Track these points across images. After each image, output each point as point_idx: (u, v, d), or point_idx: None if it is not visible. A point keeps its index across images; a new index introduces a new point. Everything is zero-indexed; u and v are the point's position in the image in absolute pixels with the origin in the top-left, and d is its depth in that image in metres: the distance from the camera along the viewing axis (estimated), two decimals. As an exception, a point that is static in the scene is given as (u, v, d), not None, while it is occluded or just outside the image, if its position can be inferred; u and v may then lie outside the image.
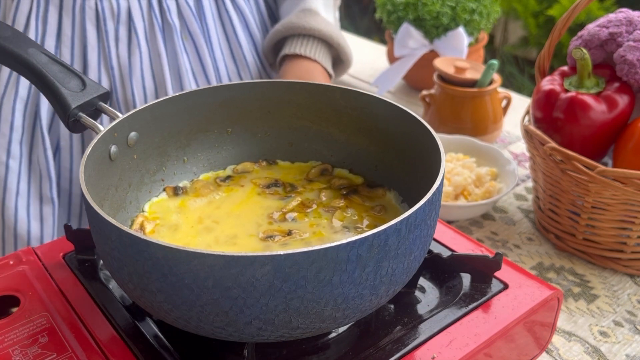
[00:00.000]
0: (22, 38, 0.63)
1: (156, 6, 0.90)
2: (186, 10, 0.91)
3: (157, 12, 0.90)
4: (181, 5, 0.91)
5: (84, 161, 0.53)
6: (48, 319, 0.56)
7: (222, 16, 0.96)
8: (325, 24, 0.96)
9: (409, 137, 0.61)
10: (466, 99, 1.04)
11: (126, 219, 0.62)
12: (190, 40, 0.93)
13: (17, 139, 0.88)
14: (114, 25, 0.89)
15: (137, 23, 0.89)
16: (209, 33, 0.94)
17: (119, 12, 0.88)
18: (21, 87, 0.88)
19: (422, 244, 0.50)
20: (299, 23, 0.95)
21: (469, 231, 0.88)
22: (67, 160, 0.91)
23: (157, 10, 0.90)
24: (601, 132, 0.77)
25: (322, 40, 0.96)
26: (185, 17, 0.92)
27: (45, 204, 0.90)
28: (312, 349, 0.54)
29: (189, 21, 0.92)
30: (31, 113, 0.89)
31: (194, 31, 0.92)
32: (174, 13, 0.91)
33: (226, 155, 0.70)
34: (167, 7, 0.90)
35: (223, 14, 0.96)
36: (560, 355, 0.68)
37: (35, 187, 0.90)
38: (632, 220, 0.75)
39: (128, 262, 0.46)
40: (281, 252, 0.42)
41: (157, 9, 0.90)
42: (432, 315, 0.57)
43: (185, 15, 0.92)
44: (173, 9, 0.91)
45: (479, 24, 1.21)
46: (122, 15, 0.89)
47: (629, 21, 0.78)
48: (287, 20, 0.97)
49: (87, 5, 0.87)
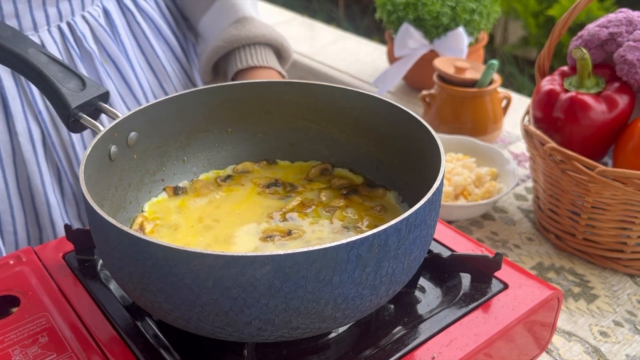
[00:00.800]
0: (22, 38, 0.63)
1: (69, 35, 0.82)
2: (101, 32, 0.85)
3: (72, 41, 0.82)
4: (95, 28, 0.84)
5: (84, 161, 0.53)
6: (48, 319, 0.56)
7: (133, 29, 0.90)
8: (265, 28, 0.91)
9: (409, 137, 0.61)
10: (466, 99, 1.04)
11: (126, 219, 0.62)
12: (110, 63, 0.86)
13: None
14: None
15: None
16: (126, 51, 0.88)
17: None
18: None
19: (422, 244, 0.50)
20: (241, 34, 0.89)
21: (469, 231, 0.88)
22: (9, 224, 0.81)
23: (72, 39, 0.82)
24: (601, 132, 0.77)
25: (267, 44, 0.92)
26: (101, 41, 0.85)
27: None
28: (312, 349, 0.54)
29: (106, 44, 0.85)
30: None
31: (112, 52, 0.86)
32: (90, 39, 0.84)
33: (226, 155, 0.70)
34: (82, 34, 0.83)
35: (134, 26, 0.90)
36: (560, 355, 0.68)
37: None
38: (632, 220, 0.75)
39: (128, 262, 0.46)
40: (281, 252, 0.42)
41: (72, 38, 0.82)
42: (432, 315, 0.57)
43: (102, 39, 0.85)
44: (87, 34, 0.84)
45: (479, 24, 1.21)
46: None
47: (629, 21, 0.78)
48: (226, 34, 0.90)
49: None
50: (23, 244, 0.83)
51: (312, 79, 1.42)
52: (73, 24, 0.82)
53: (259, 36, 0.90)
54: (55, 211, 0.82)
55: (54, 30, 0.80)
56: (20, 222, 0.82)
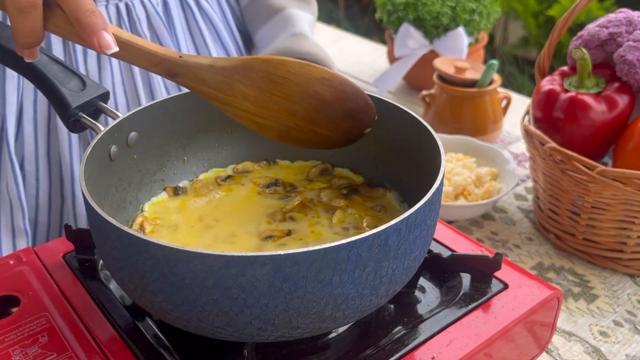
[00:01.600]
0: (22, 38, 0.63)
1: (125, 16, 0.84)
2: (156, 20, 0.86)
3: (126, 22, 0.84)
4: (151, 15, 0.86)
5: (84, 161, 0.53)
6: (48, 319, 0.56)
7: (190, 26, 0.91)
8: (317, 48, 0.94)
9: (409, 137, 0.61)
10: (466, 99, 1.04)
11: (126, 219, 0.62)
12: None
13: None
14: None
15: None
16: (179, 45, 0.89)
17: None
18: None
19: (422, 244, 0.50)
20: (294, 48, 0.92)
21: (469, 231, 0.88)
22: (32, 186, 0.84)
23: (127, 20, 0.84)
24: (601, 132, 0.77)
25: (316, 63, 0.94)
26: (155, 28, 0.86)
27: (18, 237, 0.83)
28: (312, 349, 0.54)
29: (159, 32, 0.86)
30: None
31: (165, 42, 0.87)
32: (144, 24, 0.85)
33: (226, 155, 0.70)
34: (137, 18, 0.84)
35: (192, 23, 0.91)
36: (560, 355, 0.68)
37: (6, 219, 0.83)
38: (632, 220, 0.75)
39: (128, 262, 0.46)
40: (281, 252, 0.42)
41: (127, 19, 0.84)
42: (432, 315, 0.57)
43: (156, 26, 0.86)
44: (143, 19, 0.85)
45: (479, 24, 1.21)
46: None
47: (629, 21, 0.78)
48: (280, 45, 0.93)
49: None
50: (44, 210, 0.85)
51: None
52: (131, 5, 0.84)
53: (310, 53, 0.92)
54: (77, 184, 0.83)
55: (111, 8, 0.83)
56: (43, 188, 0.84)
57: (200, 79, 0.58)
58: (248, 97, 0.59)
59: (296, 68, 0.58)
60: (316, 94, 0.60)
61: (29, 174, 0.83)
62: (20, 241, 0.83)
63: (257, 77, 0.59)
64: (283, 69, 0.58)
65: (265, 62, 0.58)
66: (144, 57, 0.55)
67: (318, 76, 0.59)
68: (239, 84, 0.59)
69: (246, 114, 0.61)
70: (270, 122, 0.61)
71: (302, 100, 0.60)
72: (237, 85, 0.58)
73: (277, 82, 0.59)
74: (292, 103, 0.60)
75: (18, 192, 0.81)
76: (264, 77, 0.59)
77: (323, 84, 0.59)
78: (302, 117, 0.61)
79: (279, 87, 0.59)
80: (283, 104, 0.60)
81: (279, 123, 0.61)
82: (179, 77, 0.57)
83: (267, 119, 0.61)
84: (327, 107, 0.61)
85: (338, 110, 0.61)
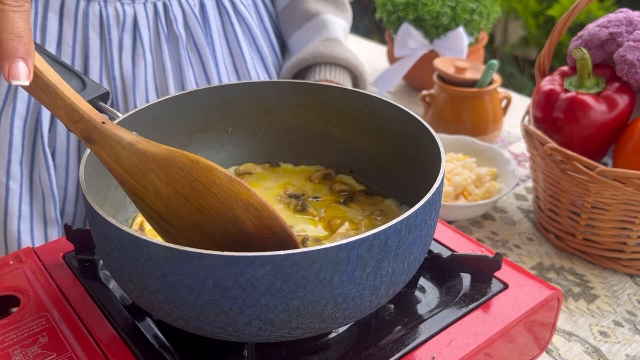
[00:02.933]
0: (22, 38, 0.63)
1: (162, 15, 0.85)
2: (193, 21, 0.87)
3: (163, 21, 0.85)
4: (188, 15, 0.87)
5: (84, 161, 0.53)
6: (48, 319, 0.56)
7: (226, 29, 0.92)
8: (350, 54, 0.96)
9: (409, 137, 0.61)
10: (466, 99, 1.04)
11: (126, 219, 0.62)
12: (195, 52, 0.89)
13: (17, 158, 0.84)
14: (118, 34, 0.84)
15: (143, 32, 0.85)
16: (214, 46, 0.90)
17: (125, 20, 0.84)
18: (19, 102, 0.83)
19: (422, 244, 0.50)
20: (327, 52, 0.94)
21: (469, 231, 0.88)
22: (62, 178, 0.86)
23: (164, 19, 0.86)
24: (601, 132, 0.77)
25: (346, 68, 0.96)
26: (191, 29, 0.88)
27: (49, 226, 0.86)
28: (312, 349, 0.54)
29: (195, 33, 0.88)
30: (31, 130, 0.84)
31: (200, 43, 0.88)
32: (181, 23, 0.87)
33: (226, 155, 0.70)
34: (174, 17, 0.86)
35: (227, 25, 0.92)
36: (560, 355, 0.68)
37: (38, 208, 0.85)
38: (632, 220, 0.75)
39: (128, 262, 0.46)
40: (281, 252, 0.42)
41: (164, 18, 0.86)
42: (432, 315, 0.57)
43: (192, 27, 0.88)
44: (180, 19, 0.87)
45: (479, 24, 1.21)
46: (128, 23, 0.84)
47: (629, 21, 0.78)
48: (313, 49, 0.94)
49: (91, 12, 0.83)
50: (71, 201, 0.87)
51: (312, 79, 1.42)
52: (169, 5, 0.85)
53: (342, 59, 0.94)
54: None
55: (149, 6, 0.84)
56: (72, 179, 0.86)
57: (115, 154, 0.50)
58: (160, 195, 0.50)
59: (222, 181, 0.49)
60: (236, 220, 0.50)
61: (59, 165, 0.85)
62: (52, 230, 0.86)
63: (177, 176, 0.50)
64: (207, 177, 0.49)
65: (191, 161, 0.49)
66: (64, 108, 0.49)
67: (245, 200, 0.49)
68: (154, 176, 0.50)
69: (154, 214, 0.52)
70: (178, 235, 0.52)
71: (219, 222, 0.50)
72: (152, 176, 0.50)
73: (196, 189, 0.49)
74: (207, 221, 0.50)
75: (50, 182, 0.84)
76: (183, 178, 0.49)
77: (248, 211, 0.49)
78: (213, 242, 0.51)
79: (197, 196, 0.50)
80: (197, 218, 0.51)
81: (187, 239, 0.52)
82: (94, 144, 0.50)
83: (176, 230, 0.52)
84: (245, 240, 0.50)
85: (257, 248, 0.50)
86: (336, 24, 0.99)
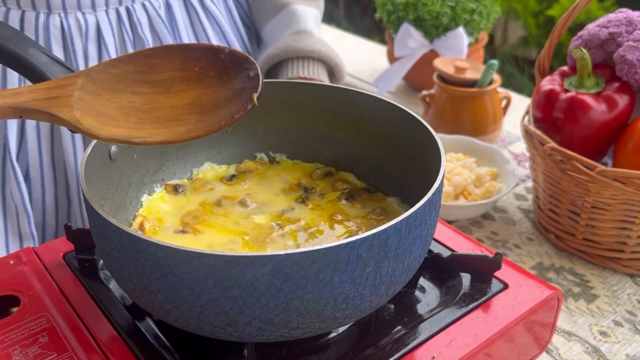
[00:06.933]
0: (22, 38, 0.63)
1: (126, 20, 0.83)
2: (158, 23, 0.85)
3: (127, 26, 0.83)
4: (152, 18, 0.85)
5: (83, 161, 0.53)
6: (48, 319, 0.56)
7: (195, 27, 0.90)
8: (323, 45, 0.93)
9: (409, 137, 0.61)
10: (466, 99, 1.04)
11: (126, 219, 0.62)
12: None
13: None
14: (82, 44, 0.80)
15: (108, 39, 0.82)
16: None
17: (87, 29, 0.80)
18: None
19: (422, 244, 0.50)
20: (298, 46, 0.91)
21: (469, 231, 0.88)
22: (38, 192, 0.84)
23: (128, 24, 0.83)
24: (601, 132, 0.77)
25: (320, 60, 0.93)
26: (158, 31, 0.85)
27: (25, 241, 0.84)
28: (312, 349, 0.54)
29: (162, 35, 0.86)
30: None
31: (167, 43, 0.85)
32: (146, 27, 0.84)
33: (226, 155, 0.70)
34: (138, 21, 0.83)
35: (196, 23, 0.90)
36: (560, 355, 0.68)
37: (12, 224, 0.83)
38: (632, 220, 0.75)
39: (128, 262, 0.46)
40: (281, 252, 0.42)
41: (128, 23, 0.83)
42: (432, 315, 0.57)
43: (158, 29, 0.85)
44: (144, 22, 0.84)
45: (479, 24, 1.21)
46: (91, 32, 0.81)
47: (629, 21, 0.78)
48: (283, 44, 0.92)
49: (52, 24, 0.79)
50: (51, 213, 0.85)
51: (312, 79, 1.42)
52: (132, 10, 0.83)
53: (314, 51, 0.91)
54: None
55: (112, 13, 0.82)
56: (49, 192, 0.84)
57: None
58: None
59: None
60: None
61: (34, 179, 0.83)
62: (28, 245, 0.83)
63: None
64: None
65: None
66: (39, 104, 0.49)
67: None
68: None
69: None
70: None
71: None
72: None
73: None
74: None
75: (22, 198, 0.81)
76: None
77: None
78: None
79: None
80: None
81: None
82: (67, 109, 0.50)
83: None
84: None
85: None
86: (307, 14, 0.96)
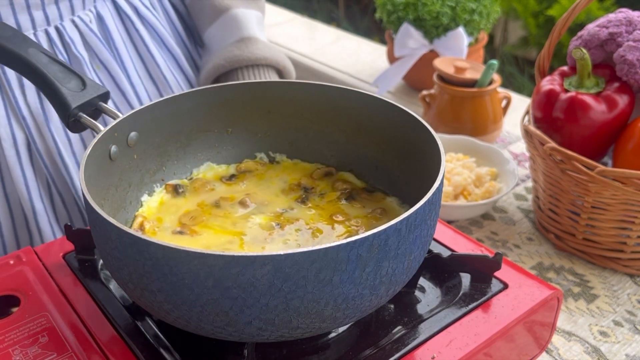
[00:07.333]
0: (22, 38, 0.63)
1: (58, 41, 0.79)
2: (92, 38, 0.82)
3: (60, 47, 0.79)
4: (85, 33, 0.81)
5: (84, 161, 0.53)
6: (48, 319, 0.56)
7: (132, 36, 0.88)
8: (269, 50, 0.91)
9: (409, 137, 0.61)
10: (466, 99, 1.04)
11: (126, 219, 0.62)
12: (103, 69, 0.83)
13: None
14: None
15: None
16: (122, 58, 0.85)
17: None
18: None
19: (422, 244, 0.50)
20: (243, 55, 0.89)
21: (469, 231, 0.88)
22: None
23: (60, 45, 0.79)
24: (601, 132, 0.77)
25: (268, 65, 0.91)
26: (92, 46, 0.82)
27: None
28: (312, 349, 0.54)
29: (97, 49, 0.82)
30: None
31: (104, 58, 0.82)
32: (79, 44, 0.81)
33: (226, 155, 0.70)
34: (71, 40, 0.80)
35: (132, 33, 0.87)
36: (560, 355, 0.68)
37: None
38: (632, 220, 0.75)
39: (128, 262, 0.46)
40: (281, 252, 0.42)
41: (60, 43, 0.79)
42: (432, 315, 0.57)
43: (93, 44, 0.82)
44: (77, 39, 0.81)
45: (479, 24, 1.21)
46: None
47: (629, 21, 0.78)
48: (228, 53, 0.90)
49: None
50: (12, 247, 0.82)
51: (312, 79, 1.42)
52: (62, 28, 0.80)
53: (260, 58, 0.89)
54: (42, 217, 0.81)
55: (41, 35, 0.78)
56: (6, 225, 0.81)
57: None
58: None
59: None
60: None
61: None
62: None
63: None
64: None
65: None
66: None
67: None
68: None
69: None
70: None
71: None
72: None
73: None
74: None
75: None
76: None
77: None
78: None
79: None
80: None
81: None
82: None
83: None
84: None
85: None
86: (248, 18, 0.92)
